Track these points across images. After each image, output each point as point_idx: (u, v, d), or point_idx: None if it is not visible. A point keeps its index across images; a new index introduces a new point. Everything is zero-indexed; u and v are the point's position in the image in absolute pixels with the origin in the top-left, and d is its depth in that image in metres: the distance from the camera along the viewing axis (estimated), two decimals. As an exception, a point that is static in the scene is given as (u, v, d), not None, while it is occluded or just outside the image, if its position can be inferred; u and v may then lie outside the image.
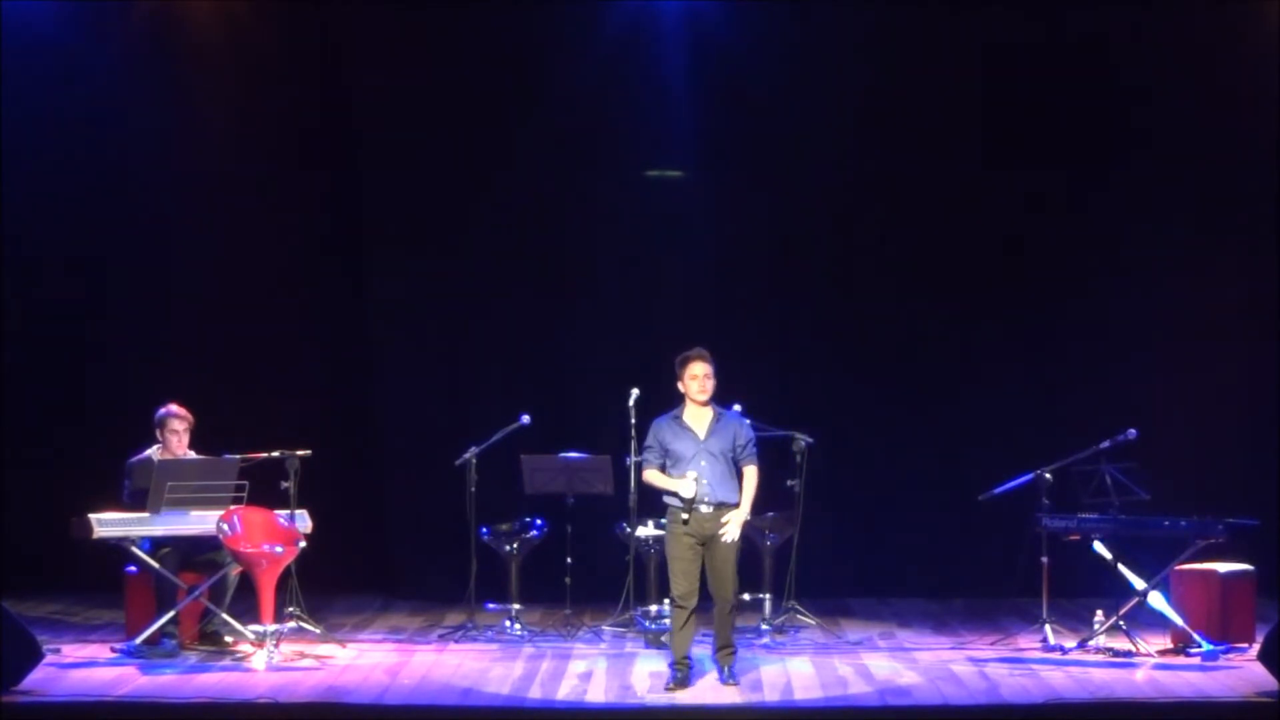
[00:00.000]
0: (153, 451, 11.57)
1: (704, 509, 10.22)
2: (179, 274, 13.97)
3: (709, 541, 10.23)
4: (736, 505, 10.26)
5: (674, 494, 10.26)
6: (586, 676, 10.73)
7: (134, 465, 11.52)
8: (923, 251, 13.81)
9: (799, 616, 12.14)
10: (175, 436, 11.54)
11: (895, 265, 13.83)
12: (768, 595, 12.12)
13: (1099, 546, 11.45)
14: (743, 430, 10.38)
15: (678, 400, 10.38)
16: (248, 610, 11.57)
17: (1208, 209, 13.60)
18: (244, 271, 13.89)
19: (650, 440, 10.39)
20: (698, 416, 10.35)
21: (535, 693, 10.31)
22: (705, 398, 10.29)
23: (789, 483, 11.80)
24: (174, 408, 11.62)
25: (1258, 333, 13.50)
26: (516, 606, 12.13)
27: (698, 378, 10.25)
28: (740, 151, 13.81)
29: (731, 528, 10.22)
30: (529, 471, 12.21)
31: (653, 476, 10.38)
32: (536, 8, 13.58)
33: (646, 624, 11.82)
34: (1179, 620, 11.33)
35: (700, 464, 10.23)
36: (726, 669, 10.31)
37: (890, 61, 13.64)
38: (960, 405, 13.73)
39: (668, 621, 11.06)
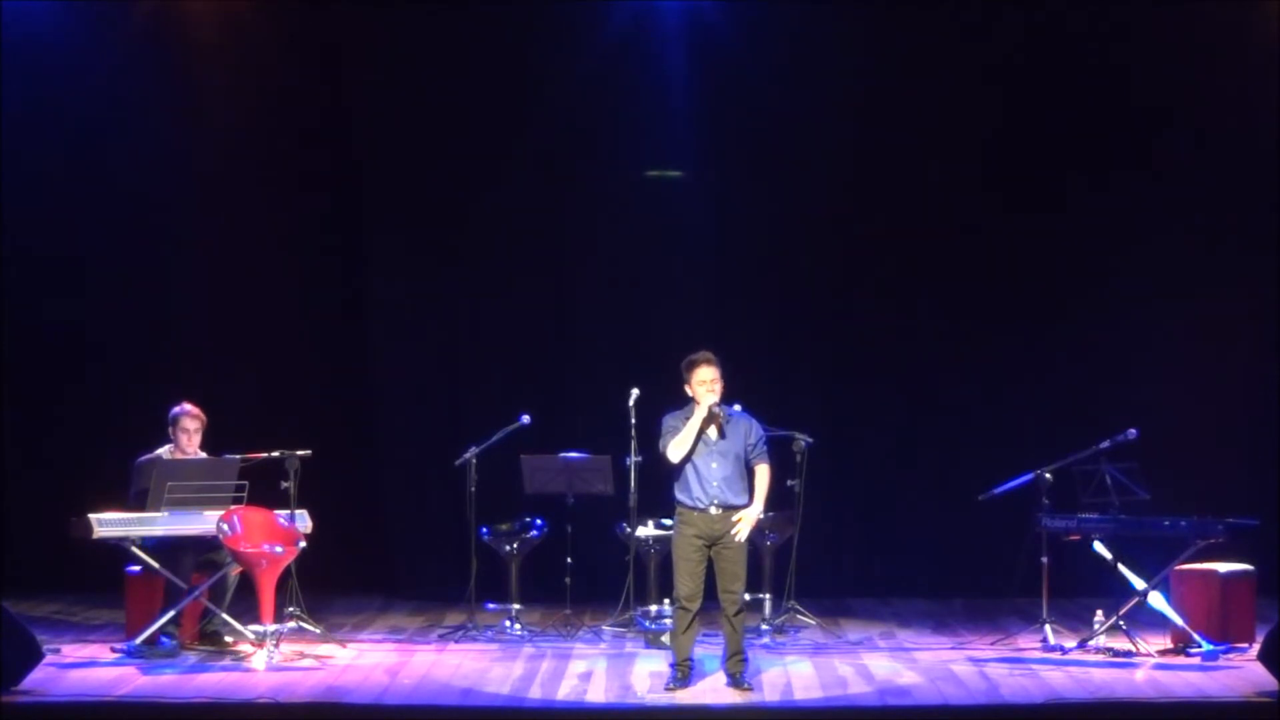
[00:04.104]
0: (164, 451, 11.58)
1: (713, 511, 10.20)
2: (179, 273, 13.98)
3: (716, 543, 10.22)
4: (744, 507, 10.24)
5: (699, 434, 10.13)
6: (586, 676, 10.73)
7: (141, 465, 11.51)
8: (923, 251, 13.81)
9: (799, 616, 12.14)
10: (186, 435, 11.54)
11: (895, 265, 13.83)
12: (768, 595, 12.12)
13: (1099, 546, 11.45)
14: (754, 429, 10.36)
15: (681, 401, 10.36)
16: (248, 610, 11.57)
17: (1209, 211, 13.60)
18: (244, 271, 13.89)
19: (665, 428, 10.28)
20: (707, 419, 10.31)
21: (535, 693, 10.31)
22: (715, 400, 10.26)
23: (789, 483, 11.80)
24: (187, 406, 11.62)
25: (1258, 333, 13.52)
26: (516, 606, 12.14)
27: (706, 382, 10.20)
28: (740, 151, 13.81)
29: (744, 527, 10.19)
30: (529, 471, 12.22)
31: (678, 437, 10.15)
32: (536, 8, 13.58)
33: (646, 624, 11.83)
34: (1179, 620, 11.33)
35: (711, 465, 10.21)
36: (738, 676, 10.26)
37: (891, 62, 13.64)
38: (960, 405, 13.74)
39: (668, 621, 11.07)
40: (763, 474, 10.32)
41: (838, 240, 13.86)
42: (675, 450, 10.19)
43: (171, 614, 11.25)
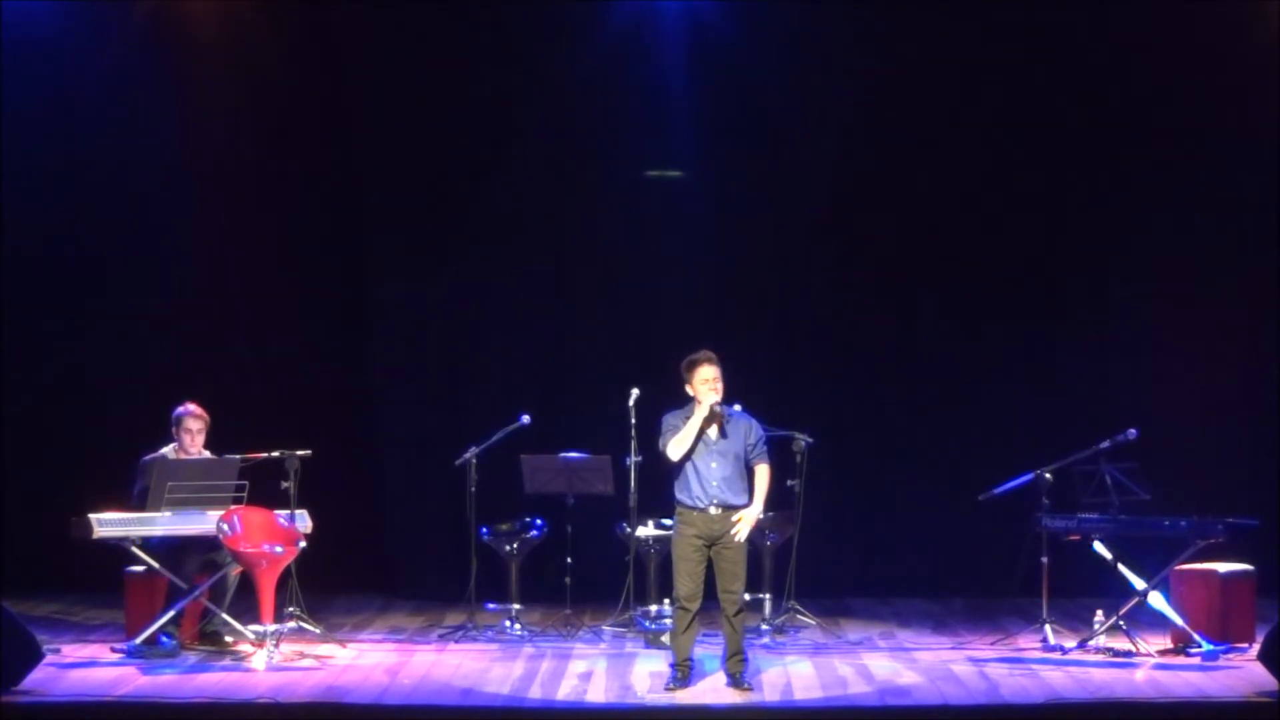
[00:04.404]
0: (167, 450, 11.58)
1: (713, 511, 10.19)
2: (178, 273, 13.97)
3: (716, 543, 10.22)
4: (744, 507, 10.24)
5: (700, 434, 10.14)
6: (586, 676, 10.73)
7: (145, 464, 11.51)
8: (923, 252, 13.81)
9: (799, 616, 12.14)
10: (189, 436, 11.54)
11: (895, 265, 13.83)
12: (768, 595, 12.12)
13: (1099, 546, 11.45)
14: (754, 429, 10.36)
15: (681, 400, 10.36)
16: (248, 610, 11.57)
17: (1208, 210, 13.59)
18: (244, 271, 13.89)
19: (666, 427, 10.28)
20: (708, 418, 10.30)
21: (535, 693, 10.31)
22: (716, 399, 10.26)
23: (789, 483, 11.80)
24: (191, 407, 11.62)
25: (1258, 333, 13.51)
26: (516, 606, 12.14)
27: (708, 381, 10.20)
28: (740, 151, 13.81)
29: (743, 527, 10.18)
30: (529, 471, 12.21)
31: (679, 436, 10.15)
32: (537, 7, 13.58)
33: (646, 624, 11.83)
34: (1179, 620, 11.34)
35: (711, 465, 10.21)
36: (737, 675, 10.27)
37: (891, 61, 13.63)
38: (960, 405, 13.73)
39: (668, 621, 11.07)
40: (762, 474, 10.31)
41: (838, 240, 13.86)
42: (675, 449, 10.18)
43: (171, 614, 11.25)
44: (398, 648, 11.68)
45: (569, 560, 12.10)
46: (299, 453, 11.48)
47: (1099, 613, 11.52)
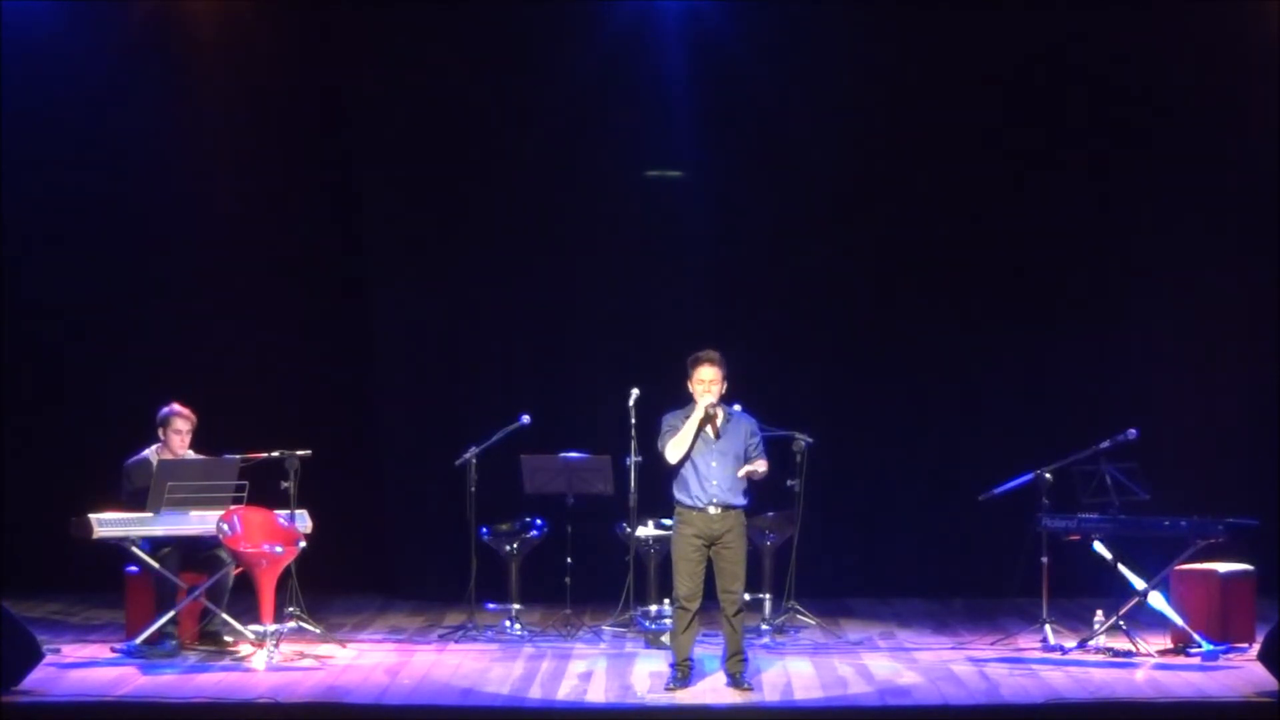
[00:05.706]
0: (150, 452, 11.56)
1: (712, 510, 10.20)
2: (179, 274, 13.98)
3: (716, 543, 10.22)
4: (743, 507, 10.25)
5: (700, 427, 10.16)
6: (586, 676, 10.74)
7: (131, 467, 11.51)
8: (923, 251, 13.81)
9: (799, 616, 12.14)
10: (178, 436, 11.53)
11: (895, 265, 13.83)
12: (768, 595, 12.12)
13: (1099, 546, 11.45)
14: (753, 429, 10.38)
15: (682, 400, 10.37)
16: (248, 610, 11.57)
17: (1209, 209, 13.60)
18: (244, 271, 13.89)
19: (665, 427, 10.29)
20: (705, 418, 10.30)
21: (535, 693, 10.31)
22: (711, 401, 10.25)
23: (789, 483, 11.80)
24: (177, 407, 11.62)
25: (1258, 333, 13.51)
26: (516, 606, 12.14)
27: (704, 382, 10.22)
28: (740, 151, 13.81)
29: (757, 467, 10.18)
30: (529, 471, 12.21)
31: (676, 438, 10.17)
32: (537, 7, 13.58)
33: (646, 624, 11.83)
34: (1179, 620, 11.34)
35: (710, 464, 10.21)
36: (737, 675, 10.27)
37: (892, 60, 13.63)
38: (960, 405, 13.74)
39: (668, 621, 11.07)
40: (762, 464, 10.32)
41: (838, 239, 13.85)
42: (673, 450, 10.19)
43: (171, 614, 11.25)
44: (398, 648, 11.68)
45: (569, 560, 12.11)
46: (299, 453, 11.49)
47: (1099, 613, 11.52)
